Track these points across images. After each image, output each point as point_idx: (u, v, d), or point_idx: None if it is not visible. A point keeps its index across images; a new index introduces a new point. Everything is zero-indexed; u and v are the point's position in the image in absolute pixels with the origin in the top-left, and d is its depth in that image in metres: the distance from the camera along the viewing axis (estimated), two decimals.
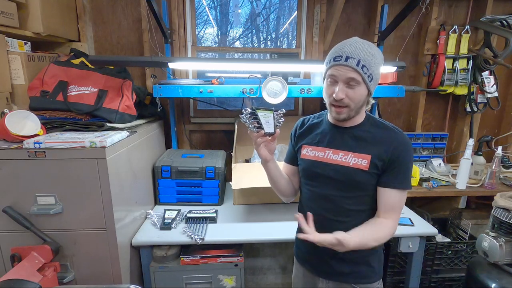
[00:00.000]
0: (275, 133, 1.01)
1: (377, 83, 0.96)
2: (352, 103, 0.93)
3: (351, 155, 0.98)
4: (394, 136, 0.97)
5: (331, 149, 1.02)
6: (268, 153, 1.04)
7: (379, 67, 0.94)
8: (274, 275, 2.10)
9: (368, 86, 0.92)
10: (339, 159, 0.99)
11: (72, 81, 1.48)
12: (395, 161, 0.94)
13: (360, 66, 0.88)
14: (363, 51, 0.89)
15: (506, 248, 1.34)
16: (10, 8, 1.39)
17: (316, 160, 1.04)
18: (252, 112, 0.97)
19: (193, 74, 2.17)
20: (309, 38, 2.16)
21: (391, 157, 0.94)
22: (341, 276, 1.06)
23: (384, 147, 0.95)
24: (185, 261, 1.44)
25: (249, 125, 0.99)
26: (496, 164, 1.88)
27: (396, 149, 0.94)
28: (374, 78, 0.93)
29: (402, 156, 0.94)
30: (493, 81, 2.15)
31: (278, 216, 1.66)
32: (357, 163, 0.96)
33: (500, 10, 2.13)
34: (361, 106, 0.95)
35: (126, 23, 2.03)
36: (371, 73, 0.90)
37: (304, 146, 1.08)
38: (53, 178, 1.16)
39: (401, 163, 0.95)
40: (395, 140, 0.95)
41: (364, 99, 0.94)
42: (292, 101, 2.35)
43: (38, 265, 1.11)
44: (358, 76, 0.89)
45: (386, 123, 1.01)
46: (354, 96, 0.92)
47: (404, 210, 1.74)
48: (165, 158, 1.81)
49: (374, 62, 0.91)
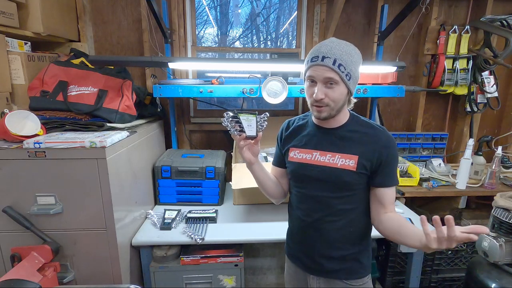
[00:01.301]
0: (257, 136, 1.01)
1: (356, 81, 0.96)
2: (332, 103, 0.93)
3: (338, 156, 0.98)
4: (379, 135, 0.97)
5: (318, 151, 1.02)
6: (252, 155, 1.04)
7: (357, 65, 0.94)
8: (274, 275, 2.10)
9: (347, 85, 0.92)
10: (327, 160, 1.00)
11: (72, 81, 1.48)
12: (384, 160, 0.96)
13: (336, 65, 0.89)
14: (339, 50, 0.90)
15: (506, 248, 1.34)
16: (10, 8, 1.39)
17: (303, 163, 1.04)
18: (234, 116, 0.98)
19: (193, 74, 2.17)
20: (309, 38, 2.16)
21: (380, 156, 0.95)
22: (331, 273, 1.07)
23: (371, 147, 0.96)
24: (185, 261, 1.44)
25: (231, 128, 1.00)
26: (496, 164, 1.88)
27: (384, 148, 0.95)
28: (353, 76, 0.93)
29: (390, 154, 0.96)
30: (493, 81, 2.15)
31: (278, 216, 1.67)
32: (344, 164, 0.97)
33: (500, 10, 2.13)
34: (342, 105, 0.96)
35: (126, 23, 2.03)
36: (348, 71, 0.91)
37: (292, 149, 1.08)
38: (53, 178, 1.16)
39: (390, 161, 0.97)
40: (381, 139, 0.96)
41: (344, 98, 0.95)
42: (292, 101, 2.35)
43: (38, 265, 1.11)
44: (335, 75, 0.90)
45: (370, 122, 1.02)
46: (333, 95, 0.92)
47: (404, 210, 1.75)
48: (165, 158, 1.81)
49: (351, 61, 0.91)
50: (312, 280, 1.11)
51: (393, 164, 0.98)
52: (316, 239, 1.06)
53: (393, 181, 0.99)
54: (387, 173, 0.97)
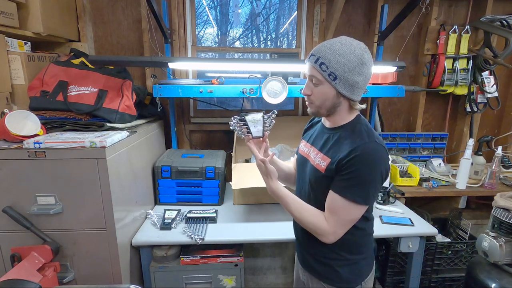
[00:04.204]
0: (263, 136, 1.06)
1: (349, 84, 0.89)
2: (315, 100, 0.95)
3: (318, 155, 1.00)
4: (356, 143, 0.89)
5: (312, 147, 1.06)
6: None
7: (347, 67, 0.87)
8: (274, 275, 2.10)
9: (333, 85, 0.89)
10: (313, 157, 1.03)
11: (72, 81, 1.48)
12: (346, 167, 0.89)
13: (318, 63, 0.89)
14: (327, 49, 0.88)
15: (506, 248, 1.34)
16: (10, 8, 1.39)
17: (302, 155, 1.11)
18: (240, 118, 1.04)
19: (193, 74, 2.17)
20: (309, 38, 2.16)
21: (343, 162, 0.89)
22: (312, 270, 1.11)
23: (343, 153, 0.90)
24: (185, 261, 1.44)
25: (238, 131, 1.05)
26: (496, 164, 1.88)
27: (351, 157, 0.88)
28: (341, 78, 0.88)
29: (355, 165, 0.87)
30: (493, 81, 2.15)
31: (278, 216, 1.67)
32: (319, 164, 0.99)
33: (500, 10, 2.13)
34: (331, 106, 0.94)
35: (126, 23, 2.03)
36: (332, 71, 0.87)
37: (302, 141, 1.17)
38: (53, 178, 1.16)
39: (352, 171, 0.88)
40: (354, 148, 0.88)
41: (330, 98, 0.92)
42: (292, 101, 2.35)
43: (38, 265, 1.11)
44: (317, 74, 0.91)
45: (365, 133, 0.93)
46: (316, 93, 0.93)
47: (404, 210, 1.74)
48: (165, 158, 1.81)
49: (338, 61, 0.86)
50: (301, 272, 1.18)
51: (353, 175, 0.88)
52: (300, 232, 1.10)
53: (343, 190, 0.90)
54: (341, 179, 0.91)
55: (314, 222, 0.96)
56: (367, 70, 0.91)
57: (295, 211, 0.99)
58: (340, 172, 0.91)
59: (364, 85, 0.93)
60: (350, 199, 0.90)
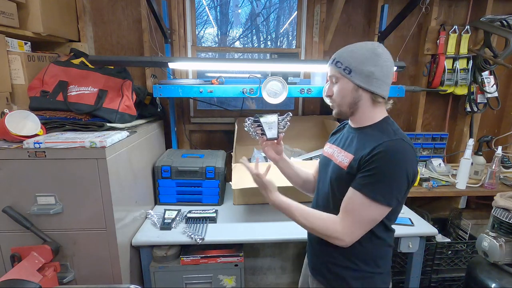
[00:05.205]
0: (278, 138, 1.07)
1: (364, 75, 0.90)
2: (336, 98, 0.98)
3: (342, 153, 0.99)
4: (382, 140, 0.87)
5: (337, 147, 1.04)
6: (276, 154, 1.14)
7: (360, 60, 0.90)
8: (274, 275, 2.10)
9: (349, 79, 0.93)
10: (336, 156, 1.02)
11: (72, 81, 1.48)
12: (369, 163, 0.86)
13: (334, 62, 0.96)
14: (341, 51, 0.96)
15: (506, 248, 1.34)
16: (10, 8, 1.39)
17: (326, 157, 1.09)
18: (255, 120, 1.04)
19: (193, 74, 2.17)
20: (309, 38, 2.16)
21: (367, 158, 0.87)
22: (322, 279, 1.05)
23: (369, 149, 0.88)
24: (185, 261, 1.44)
25: (253, 133, 1.06)
26: (496, 164, 1.88)
27: (375, 153, 0.85)
28: (355, 70, 0.91)
29: (378, 161, 0.84)
30: (493, 81, 2.15)
31: (278, 216, 1.66)
32: (341, 161, 0.97)
33: (500, 10, 2.13)
34: (351, 102, 0.95)
35: (126, 23, 2.03)
36: (347, 66, 0.92)
37: (327, 144, 1.15)
38: (53, 178, 1.16)
39: (374, 168, 0.85)
40: (379, 144, 0.86)
41: (348, 93, 0.94)
42: (292, 101, 2.35)
43: (38, 265, 1.11)
44: (335, 72, 0.96)
45: (393, 129, 0.92)
46: (336, 90, 0.97)
47: (404, 210, 1.74)
48: (165, 158, 1.81)
49: (350, 56, 0.92)
50: (310, 279, 1.13)
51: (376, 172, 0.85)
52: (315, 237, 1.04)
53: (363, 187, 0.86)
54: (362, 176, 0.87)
55: (326, 226, 0.91)
56: (383, 62, 0.91)
57: (302, 219, 0.94)
58: (362, 168, 0.88)
59: (383, 76, 0.91)
60: (370, 197, 0.86)
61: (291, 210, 0.96)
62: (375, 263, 0.98)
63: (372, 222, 0.90)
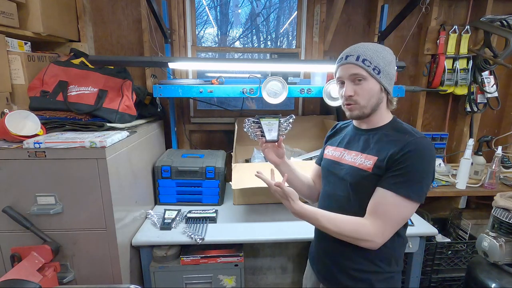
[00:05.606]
0: (278, 140, 1.04)
1: (389, 78, 0.92)
2: (361, 100, 0.91)
3: (360, 156, 0.95)
4: (408, 139, 0.87)
5: (346, 150, 1.02)
6: (276, 158, 1.10)
7: (387, 61, 0.90)
8: (274, 275, 2.10)
9: (377, 79, 0.90)
10: (350, 159, 0.98)
11: (72, 81, 1.48)
12: (399, 163, 0.85)
13: (360, 60, 0.89)
14: (362, 48, 0.91)
15: (506, 248, 1.34)
16: (10, 8, 1.39)
17: (332, 160, 1.05)
18: (255, 121, 1.02)
19: (193, 74, 2.17)
20: (309, 38, 2.15)
21: (396, 157, 0.86)
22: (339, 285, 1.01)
23: (394, 149, 0.87)
24: (185, 261, 1.44)
25: (251, 133, 1.03)
26: (496, 164, 1.88)
27: (405, 152, 0.85)
28: (384, 71, 0.89)
29: (409, 159, 0.84)
30: (493, 81, 2.15)
31: (278, 216, 1.66)
32: (362, 164, 0.93)
33: (500, 10, 2.13)
34: (375, 103, 0.92)
35: (126, 23, 2.03)
36: (376, 65, 0.88)
37: (328, 146, 1.12)
38: (53, 178, 1.16)
39: (406, 166, 0.84)
40: (407, 143, 0.86)
41: (375, 94, 0.91)
42: (292, 101, 2.35)
43: (38, 265, 1.11)
44: (361, 71, 0.89)
45: (409, 129, 0.93)
46: (361, 91, 0.91)
47: None
48: (165, 158, 1.81)
49: (377, 56, 0.89)
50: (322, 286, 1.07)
51: (408, 170, 0.85)
52: (329, 243, 1.01)
53: (396, 186, 0.85)
54: (393, 175, 0.86)
55: (355, 229, 0.88)
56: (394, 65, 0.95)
57: (330, 225, 0.90)
58: (391, 168, 0.87)
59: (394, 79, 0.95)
60: (404, 195, 0.85)
61: (316, 217, 0.91)
62: (396, 262, 0.98)
63: (402, 221, 0.91)
